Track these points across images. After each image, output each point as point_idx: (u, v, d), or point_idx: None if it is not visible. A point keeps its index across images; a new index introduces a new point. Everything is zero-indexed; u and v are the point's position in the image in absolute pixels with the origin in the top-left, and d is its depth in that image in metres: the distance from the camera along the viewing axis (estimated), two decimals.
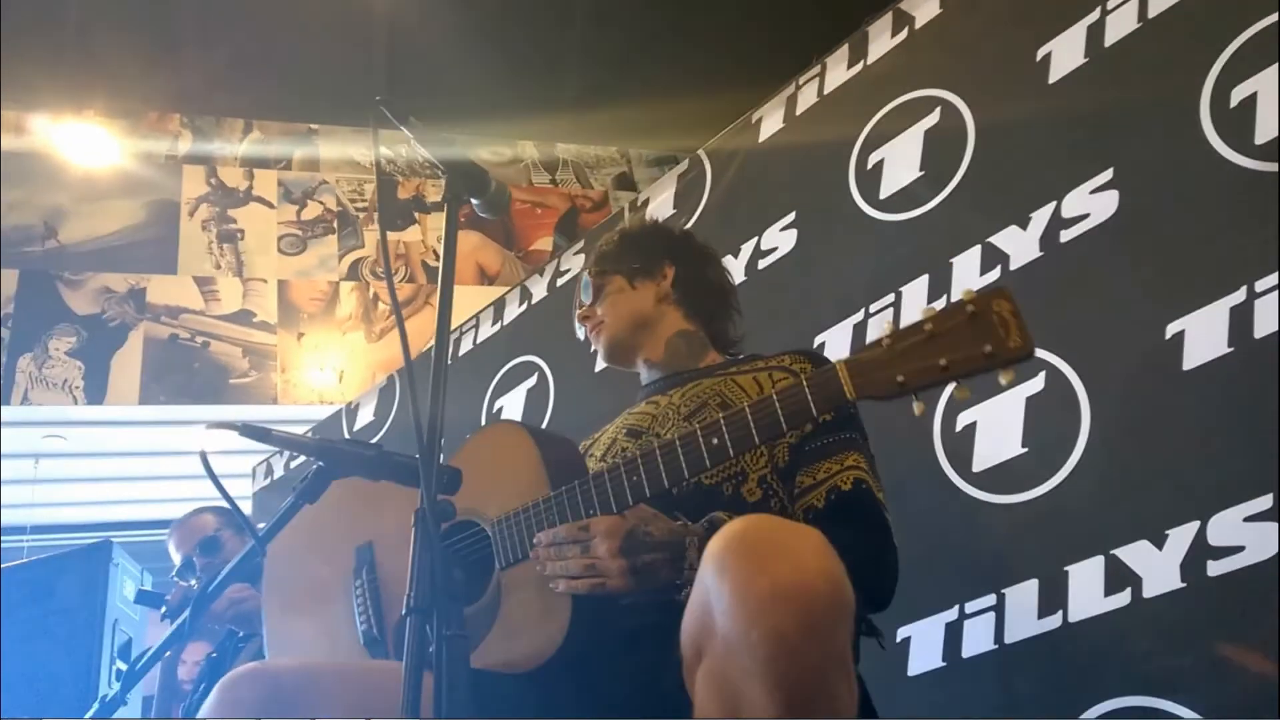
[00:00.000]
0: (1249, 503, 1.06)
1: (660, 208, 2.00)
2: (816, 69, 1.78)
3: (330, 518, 1.13)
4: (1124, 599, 1.13)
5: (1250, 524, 1.05)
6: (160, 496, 4.27)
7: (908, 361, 0.76)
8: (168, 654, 1.14)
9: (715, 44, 3.97)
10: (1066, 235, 1.30)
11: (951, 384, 0.76)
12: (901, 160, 1.56)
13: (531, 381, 2.09)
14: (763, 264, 1.73)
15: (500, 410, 2.14)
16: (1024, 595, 1.22)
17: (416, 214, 4.48)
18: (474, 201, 0.92)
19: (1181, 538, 1.10)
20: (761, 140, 1.84)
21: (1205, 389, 1.13)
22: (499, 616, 0.96)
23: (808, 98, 1.78)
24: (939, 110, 1.54)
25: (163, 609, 1.65)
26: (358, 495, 0.99)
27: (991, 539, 1.31)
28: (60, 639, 2.00)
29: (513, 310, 2.26)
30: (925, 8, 1.62)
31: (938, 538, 1.33)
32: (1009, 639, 1.22)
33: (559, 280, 2.16)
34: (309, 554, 1.17)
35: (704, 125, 2.26)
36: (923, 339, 0.76)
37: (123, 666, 2.01)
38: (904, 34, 1.64)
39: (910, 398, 0.77)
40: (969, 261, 1.41)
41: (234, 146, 4.38)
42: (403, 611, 0.71)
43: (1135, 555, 1.13)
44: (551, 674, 0.89)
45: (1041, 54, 1.42)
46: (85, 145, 4.11)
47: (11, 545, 4.36)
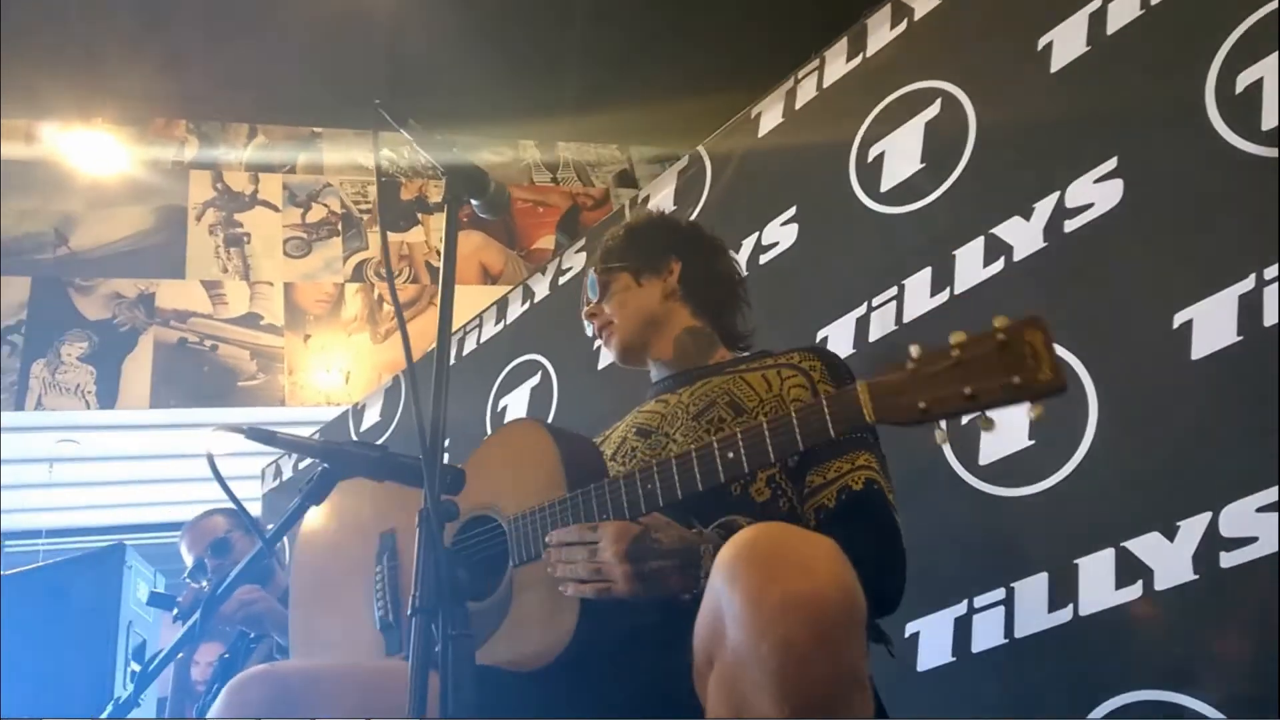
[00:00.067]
0: (1261, 493, 1.05)
1: (661, 204, 2.00)
2: (815, 63, 1.77)
3: (363, 501, 1.16)
4: (1135, 591, 1.11)
5: (1263, 514, 1.04)
6: (172, 499, 4.30)
7: (932, 388, 0.72)
8: (180, 655, 1.16)
9: (715, 44, 3.95)
10: (1070, 225, 1.29)
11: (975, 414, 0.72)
12: (902, 153, 1.55)
13: (535, 380, 2.10)
14: (764, 259, 1.72)
15: (504, 409, 2.15)
16: (1034, 589, 1.21)
17: (420, 215, 4.50)
18: (474, 202, 0.93)
19: (1193, 529, 1.09)
20: (761, 135, 1.83)
21: (1215, 378, 1.12)
22: (509, 613, 0.96)
23: (807, 92, 1.77)
24: (939, 102, 1.53)
25: (174, 611, 1.67)
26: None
27: (1000, 533, 1.30)
28: (75, 641, 2.02)
29: (515, 309, 2.26)
30: None
31: (945, 532, 1.32)
32: (1019, 633, 1.21)
33: (561, 279, 2.16)
34: (342, 534, 1.18)
35: (704, 125, 2.25)
36: (949, 365, 0.71)
37: (137, 668, 2.03)
38: (903, 26, 1.63)
39: (933, 424, 0.73)
40: (972, 253, 1.40)
41: (239, 151, 4.41)
42: (408, 611, 0.71)
43: (1146, 547, 1.12)
44: (557, 675, 0.89)
45: (1043, 43, 1.41)
46: (94, 153, 4.14)
47: (27, 549, 4.41)
